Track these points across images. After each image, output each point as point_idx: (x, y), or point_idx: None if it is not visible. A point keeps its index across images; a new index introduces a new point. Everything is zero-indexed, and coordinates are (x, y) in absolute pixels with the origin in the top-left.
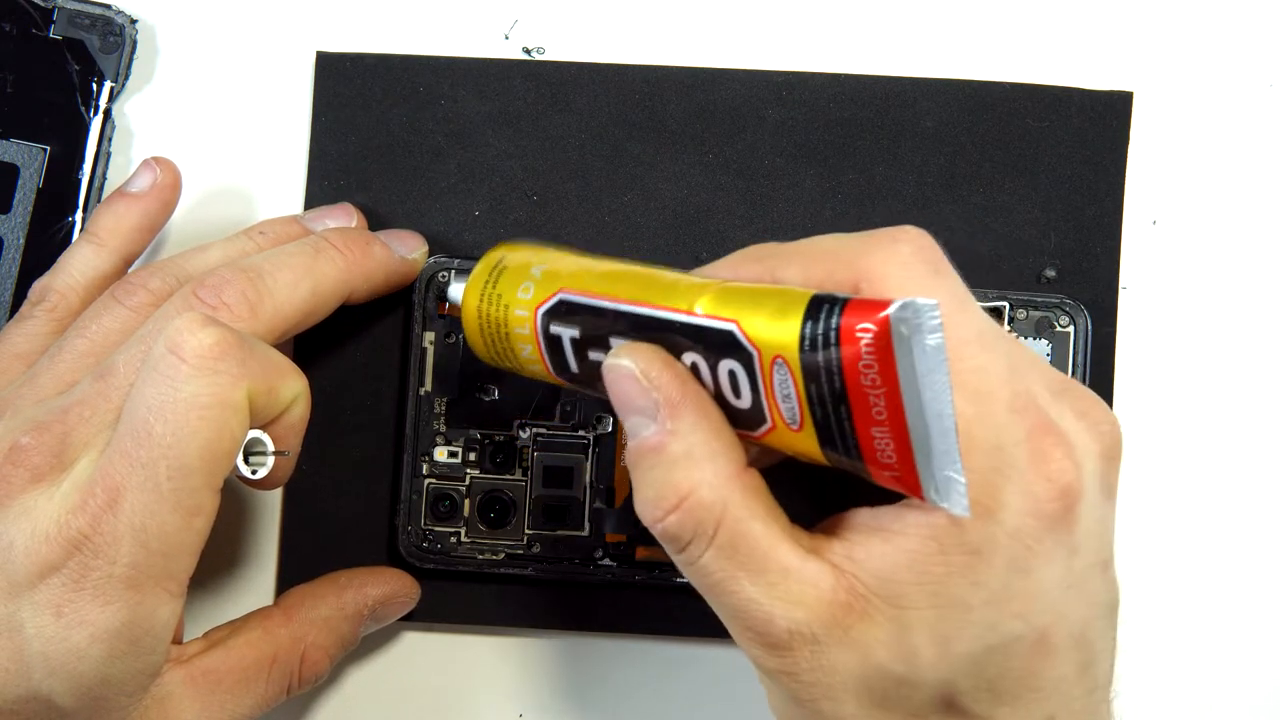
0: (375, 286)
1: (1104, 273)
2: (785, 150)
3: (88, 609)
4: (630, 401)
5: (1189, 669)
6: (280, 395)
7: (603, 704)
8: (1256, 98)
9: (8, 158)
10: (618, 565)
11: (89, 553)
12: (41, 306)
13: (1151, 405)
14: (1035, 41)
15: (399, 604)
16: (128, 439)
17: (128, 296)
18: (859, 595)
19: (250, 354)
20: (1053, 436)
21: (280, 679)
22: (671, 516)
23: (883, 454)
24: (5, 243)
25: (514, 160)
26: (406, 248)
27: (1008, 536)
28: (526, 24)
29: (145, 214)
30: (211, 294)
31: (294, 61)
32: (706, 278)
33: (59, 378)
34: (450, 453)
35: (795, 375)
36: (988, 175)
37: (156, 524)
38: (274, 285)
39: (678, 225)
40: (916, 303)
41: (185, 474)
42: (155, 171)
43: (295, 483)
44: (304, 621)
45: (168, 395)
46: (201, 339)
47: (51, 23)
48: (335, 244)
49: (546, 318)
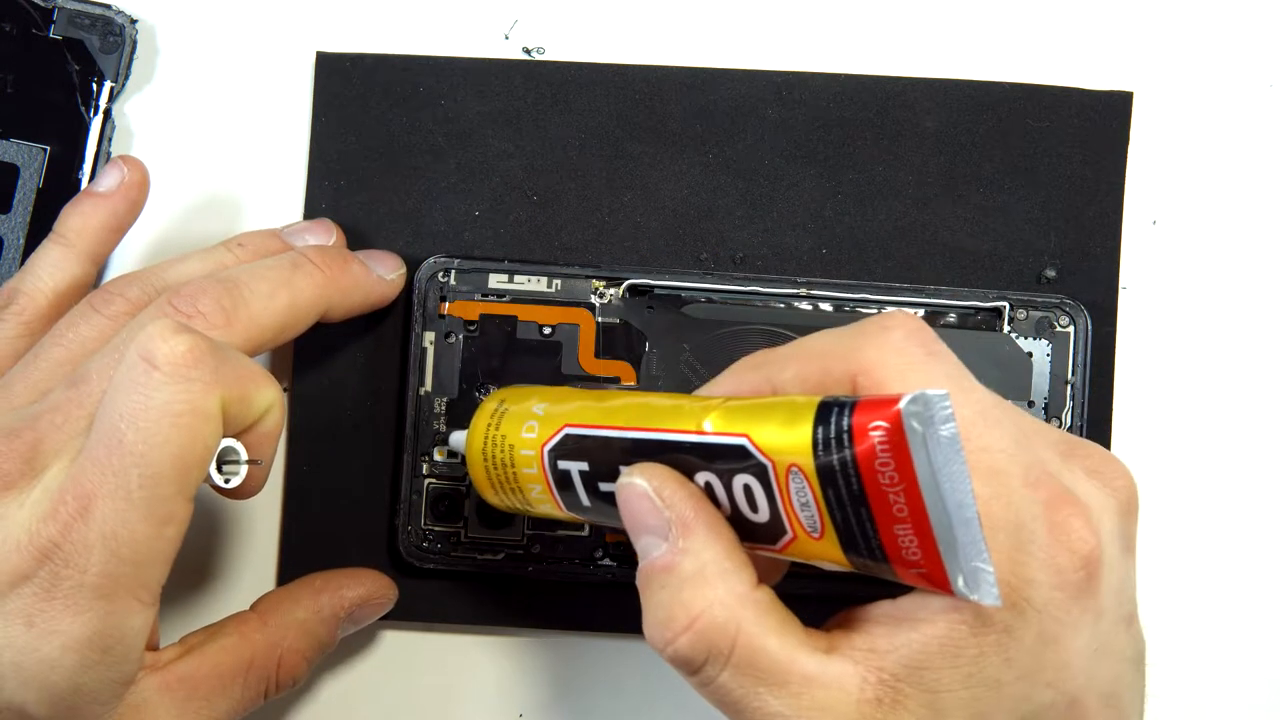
0: (352, 305)
1: (1104, 273)
2: (785, 150)
3: (59, 618)
4: (642, 521)
5: (1189, 670)
6: (254, 404)
7: (602, 704)
8: (1256, 98)
9: (8, 158)
10: (618, 565)
11: (60, 561)
12: (10, 310)
13: (1151, 405)
14: (1035, 41)
15: (376, 605)
16: (99, 447)
17: (105, 305)
18: (890, 687)
19: (223, 361)
20: (1070, 505)
21: (257, 684)
22: (683, 638)
23: (908, 552)
24: (5, 242)
25: (514, 160)
26: (385, 268)
27: (1036, 612)
28: (526, 24)
29: (113, 214)
30: (187, 303)
31: (294, 61)
32: (707, 397)
33: (33, 385)
34: (450, 453)
35: (812, 482)
36: (988, 175)
37: (128, 532)
38: (250, 296)
39: (678, 225)
40: (926, 395)
41: (157, 482)
42: (123, 170)
43: (295, 483)
44: (280, 626)
45: (140, 403)
46: (174, 346)
47: (52, 23)
48: (313, 260)
49: (554, 454)
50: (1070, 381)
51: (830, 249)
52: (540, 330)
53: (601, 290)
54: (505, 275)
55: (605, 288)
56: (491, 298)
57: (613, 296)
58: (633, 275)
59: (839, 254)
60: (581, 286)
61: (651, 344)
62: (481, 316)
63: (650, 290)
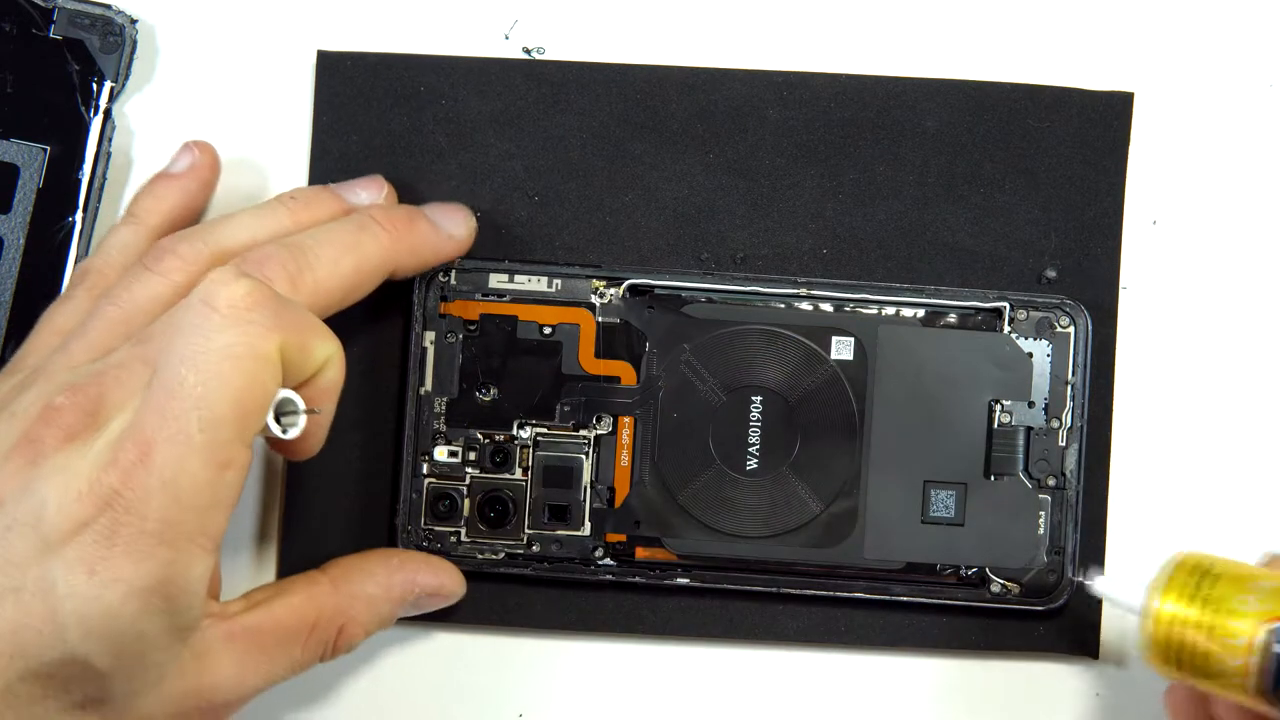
0: (420, 264)
1: (1104, 273)
2: (786, 150)
3: (121, 566)
4: None
5: None
6: (313, 354)
7: (602, 704)
8: (1256, 98)
9: (8, 158)
10: (618, 565)
11: (120, 509)
12: (82, 286)
13: (1151, 405)
14: (1035, 41)
15: (444, 598)
16: (160, 392)
17: (156, 263)
18: None
19: (284, 308)
20: None
21: (316, 647)
22: None
23: None
24: (5, 243)
25: (514, 160)
26: (452, 223)
27: None
28: (526, 24)
29: (184, 193)
30: (254, 268)
31: (294, 61)
32: None
33: (91, 345)
34: (450, 452)
35: None
36: (988, 175)
37: (188, 478)
38: (315, 261)
39: (678, 225)
40: None
41: (217, 425)
42: (194, 153)
43: (295, 482)
44: (349, 595)
45: (200, 345)
46: (234, 290)
47: (52, 23)
48: (379, 221)
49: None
50: (1070, 381)
51: (830, 249)
52: (540, 330)
53: (602, 290)
54: (505, 275)
55: (605, 288)
56: (492, 297)
57: (613, 296)
58: (633, 275)
59: (839, 254)
60: (582, 286)
61: (651, 344)
62: (482, 316)
63: (650, 290)
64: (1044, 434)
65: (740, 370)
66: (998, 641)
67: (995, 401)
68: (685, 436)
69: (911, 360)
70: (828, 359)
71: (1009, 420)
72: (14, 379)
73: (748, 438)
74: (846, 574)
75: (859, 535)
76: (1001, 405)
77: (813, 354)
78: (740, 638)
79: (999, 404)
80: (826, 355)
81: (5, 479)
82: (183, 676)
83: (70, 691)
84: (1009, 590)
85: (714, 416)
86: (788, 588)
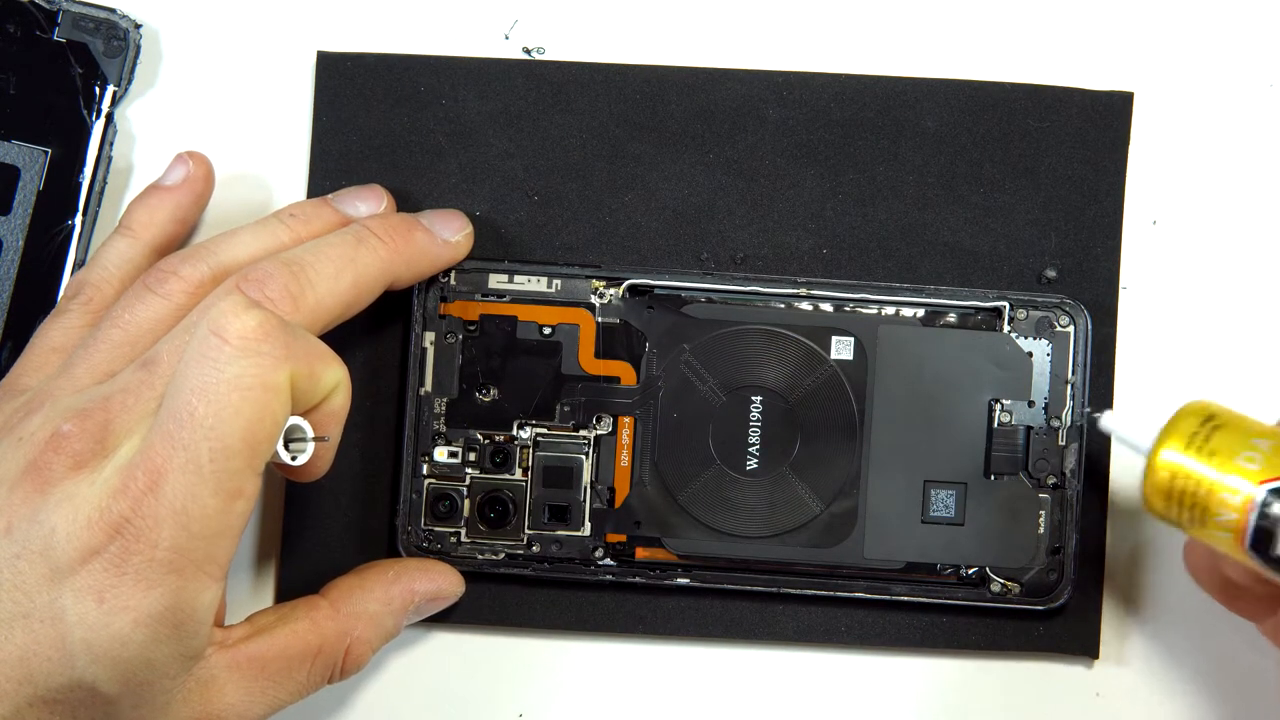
0: (418, 273)
1: (1104, 273)
2: (786, 150)
3: (130, 594)
4: None
5: (1191, 670)
6: (322, 381)
7: (602, 704)
8: (1256, 98)
9: (9, 159)
10: (618, 565)
11: (130, 536)
12: (77, 300)
13: (1151, 405)
14: (1035, 41)
15: (444, 600)
16: (170, 421)
17: (159, 284)
18: None
19: (293, 338)
20: None
21: (322, 670)
22: None
23: None
24: (5, 244)
25: (514, 160)
26: (449, 230)
27: None
28: (526, 24)
29: (178, 206)
30: (254, 288)
31: (294, 62)
32: None
33: (95, 368)
34: (450, 453)
35: None
36: (988, 175)
37: (198, 507)
38: (316, 278)
39: (678, 225)
40: None
41: (227, 455)
42: (188, 164)
43: (296, 483)
44: (351, 615)
45: (211, 376)
46: (245, 321)
47: (56, 25)
48: (377, 233)
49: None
50: (1070, 381)
51: (830, 249)
52: (540, 330)
53: (601, 290)
54: (505, 275)
55: (605, 288)
56: (491, 298)
57: (613, 296)
58: (633, 275)
59: (839, 254)
60: (581, 286)
61: (651, 344)
62: (481, 316)
63: (650, 290)
64: (1044, 434)
65: (740, 370)
66: (998, 641)
67: (995, 401)
68: (685, 437)
69: (911, 360)
70: (828, 359)
71: (1009, 420)
72: (15, 401)
73: (748, 438)
74: (846, 574)
75: (859, 535)
76: (1001, 405)
77: (813, 354)
78: (740, 638)
79: (999, 403)
80: (826, 355)
81: (14, 506)
82: (188, 704)
83: (77, 717)
84: (1009, 590)
85: (714, 416)
86: (788, 588)
